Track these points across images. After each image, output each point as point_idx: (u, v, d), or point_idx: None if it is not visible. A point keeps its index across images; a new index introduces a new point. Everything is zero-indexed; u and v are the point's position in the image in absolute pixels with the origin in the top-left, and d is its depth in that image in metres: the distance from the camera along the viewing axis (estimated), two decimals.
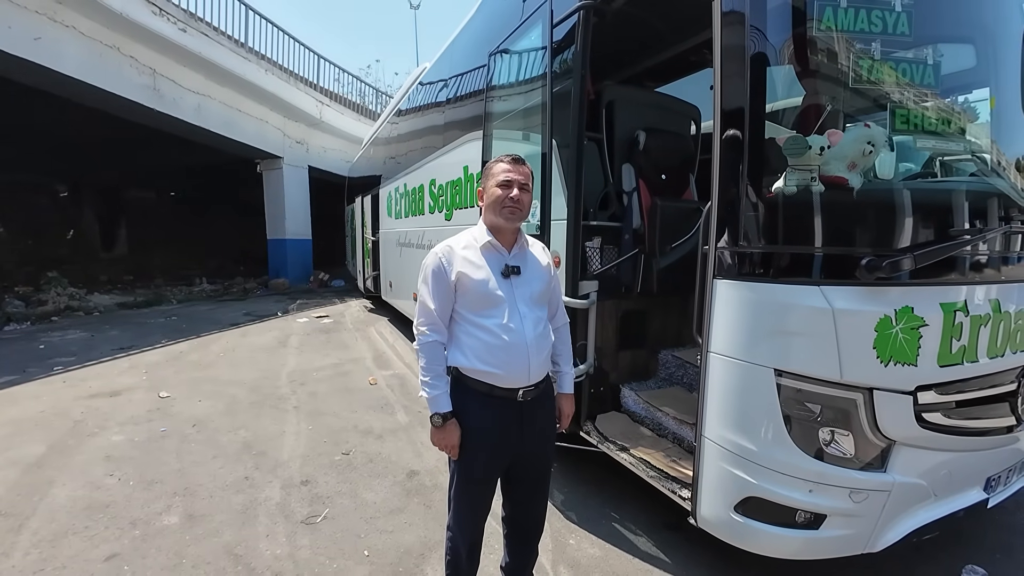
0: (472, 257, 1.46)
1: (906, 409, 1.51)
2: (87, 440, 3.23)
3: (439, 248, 1.49)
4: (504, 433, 1.47)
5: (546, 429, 1.59)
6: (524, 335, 1.43)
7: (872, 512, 1.55)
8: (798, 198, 1.48)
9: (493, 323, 1.42)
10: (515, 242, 1.51)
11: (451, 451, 1.48)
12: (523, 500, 1.61)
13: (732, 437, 1.61)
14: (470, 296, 1.44)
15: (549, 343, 1.53)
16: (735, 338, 1.58)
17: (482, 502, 1.56)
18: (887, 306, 1.45)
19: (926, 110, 1.53)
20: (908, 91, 1.51)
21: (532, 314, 1.47)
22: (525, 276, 1.49)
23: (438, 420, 1.44)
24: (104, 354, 5.50)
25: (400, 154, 6.62)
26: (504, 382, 1.44)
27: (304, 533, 2.24)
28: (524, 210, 1.47)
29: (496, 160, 1.52)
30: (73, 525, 2.28)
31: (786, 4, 1.53)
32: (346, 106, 14.28)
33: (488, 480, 1.55)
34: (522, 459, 1.54)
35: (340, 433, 3.36)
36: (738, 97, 1.55)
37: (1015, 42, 1.93)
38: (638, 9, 2.73)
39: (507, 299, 1.44)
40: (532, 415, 1.50)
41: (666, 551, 2.11)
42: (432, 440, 1.48)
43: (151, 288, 11.59)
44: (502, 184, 1.45)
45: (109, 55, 7.75)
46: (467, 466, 1.50)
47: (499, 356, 1.42)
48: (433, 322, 1.45)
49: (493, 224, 1.48)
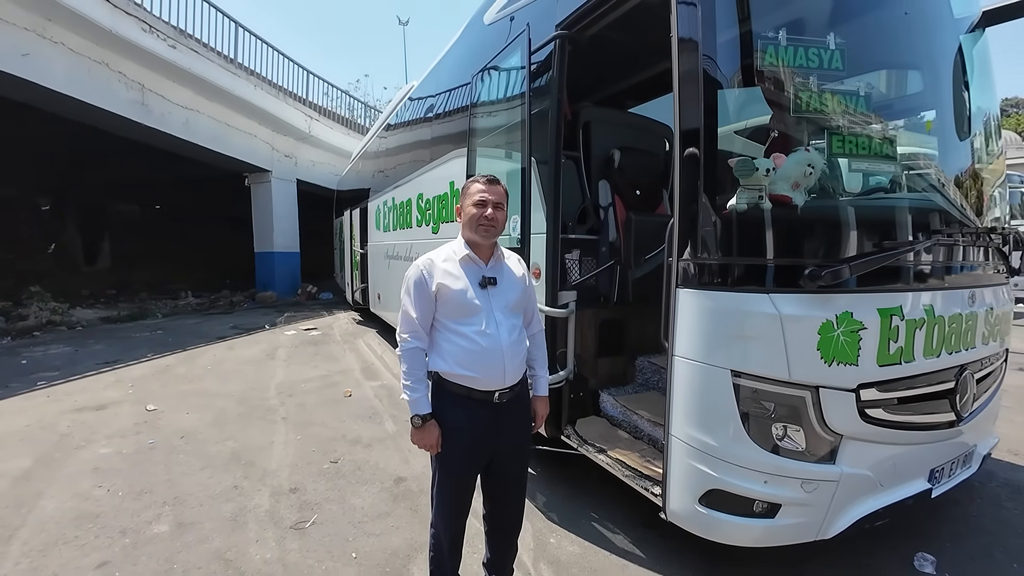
0: (451, 269, 1.57)
1: (850, 406, 1.66)
2: (74, 453, 3.25)
3: (420, 261, 1.60)
4: (481, 432, 1.58)
5: (522, 429, 1.69)
6: (500, 341, 1.54)
7: (823, 501, 1.69)
8: (749, 215, 1.64)
9: (471, 330, 1.53)
10: (492, 255, 1.62)
11: (431, 449, 1.58)
12: (501, 497, 1.71)
13: (696, 434, 1.74)
14: (450, 305, 1.55)
15: (523, 348, 1.64)
16: (696, 342, 1.72)
17: (462, 497, 1.65)
18: (829, 311, 1.60)
19: (860, 135, 1.71)
20: (843, 118, 1.69)
21: (507, 321, 1.58)
22: (501, 286, 1.60)
23: (418, 421, 1.54)
24: (89, 368, 5.47)
25: (388, 168, 6.75)
26: (481, 385, 1.55)
27: (293, 538, 2.30)
28: (498, 227, 1.60)
29: (472, 180, 1.64)
30: (63, 535, 2.31)
31: (734, 39, 1.71)
32: (335, 120, 14.43)
33: (467, 476, 1.64)
34: (500, 457, 1.64)
35: (328, 442, 3.42)
36: (693, 120, 1.71)
37: (947, 71, 2.15)
38: (614, 33, 2.92)
39: (484, 308, 1.55)
40: (508, 416, 1.61)
41: (642, 547, 2.22)
42: (412, 440, 1.58)
43: (135, 302, 11.46)
44: (477, 203, 1.57)
45: (98, 71, 7.81)
46: (447, 463, 1.60)
47: (477, 361, 1.52)
48: (415, 330, 1.56)
49: (470, 239, 1.60)
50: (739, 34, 1.70)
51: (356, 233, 8.82)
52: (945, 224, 1.94)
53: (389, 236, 6.39)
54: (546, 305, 2.58)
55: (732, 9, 1.72)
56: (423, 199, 4.83)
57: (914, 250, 1.74)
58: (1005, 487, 2.75)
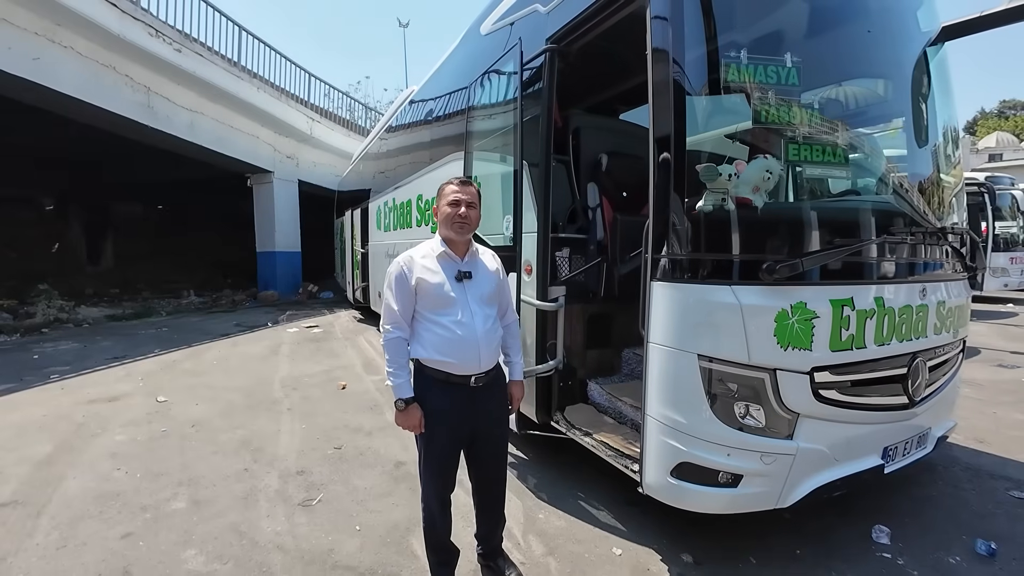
0: (430, 264, 1.71)
1: (804, 387, 1.85)
2: (92, 440, 3.43)
3: (401, 258, 1.74)
4: (459, 413, 1.73)
5: (498, 411, 1.86)
6: (475, 330, 1.69)
7: (781, 473, 1.87)
8: (713, 215, 1.83)
9: (448, 320, 1.68)
10: (467, 251, 1.77)
11: (414, 430, 1.74)
12: (483, 471, 1.88)
13: (668, 412, 1.93)
14: (428, 298, 1.69)
15: (497, 336, 1.80)
16: (667, 330, 1.91)
17: (446, 471, 1.80)
18: (784, 301, 1.79)
19: (814, 143, 1.90)
20: (799, 128, 1.88)
21: (482, 312, 1.73)
22: (476, 279, 1.75)
23: (401, 404, 1.70)
24: (99, 363, 5.66)
25: (389, 170, 6.94)
26: (458, 370, 1.70)
27: (301, 513, 2.49)
28: (472, 224, 1.74)
29: (447, 182, 1.77)
30: (88, 511, 2.50)
31: (701, 53, 1.89)
32: (336, 122, 14.63)
33: (448, 453, 1.79)
34: (478, 436, 1.80)
35: (332, 431, 3.61)
36: (665, 127, 1.90)
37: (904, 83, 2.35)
38: (602, 44, 3.10)
39: (459, 299, 1.70)
40: (484, 398, 1.77)
41: (623, 522, 2.41)
42: (396, 421, 1.75)
43: (139, 301, 11.65)
44: (451, 203, 1.71)
45: (105, 74, 8.00)
46: (430, 441, 1.77)
47: (453, 348, 1.68)
48: (396, 321, 1.71)
49: (446, 236, 1.74)
50: (706, 48, 1.89)
51: (357, 233, 9.01)
52: (895, 224, 2.13)
53: (390, 236, 6.57)
54: (537, 299, 2.77)
55: (700, 24, 1.90)
56: (423, 200, 5.02)
57: (861, 247, 1.92)
58: (966, 471, 2.94)
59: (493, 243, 3.18)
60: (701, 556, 2.13)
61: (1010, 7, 2.18)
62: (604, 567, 2.08)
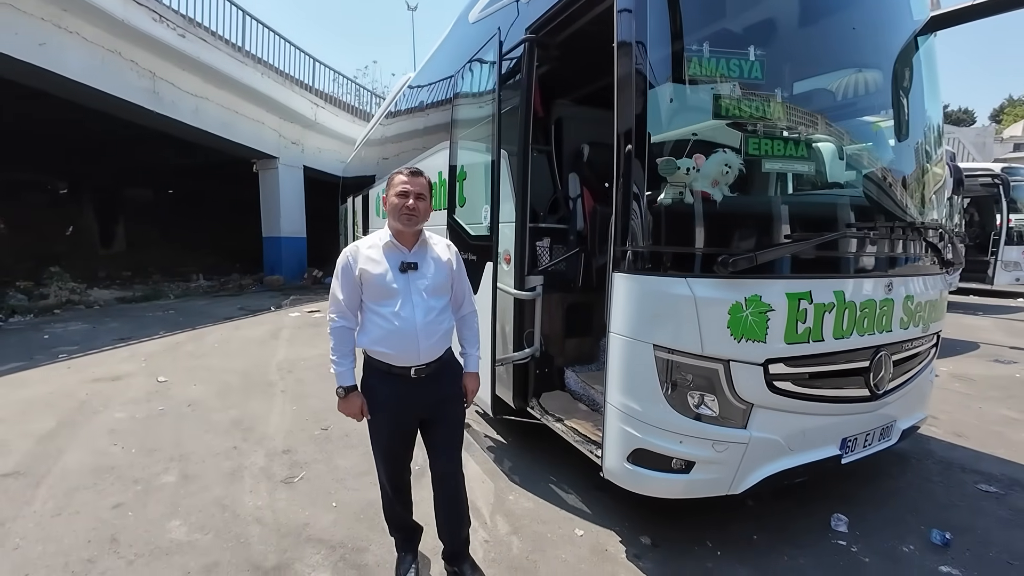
0: (374, 255, 1.71)
1: (758, 378, 1.89)
2: (93, 417, 3.60)
3: (348, 248, 1.75)
4: (401, 403, 1.75)
5: (446, 402, 1.82)
6: (414, 322, 1.68)
7: (733, 460, 1.92)
8: (672, 208, 1.85)
9: (387, 311, 1.68)
10: (416, 242, 1.75)
11: (355, 417, 1.76)
12: (436, 465, 1.87)
13: (625, 400, 1.99)
14: (371, 288, 1.70)
15: (441, 329, 1.75)
16: (626, 320, 1.95)
17: (395, 457, 1.83)
18: (739, 294, 1.82)
19: (775, 137, 1.91)
20: (760, 123, 1.89)
21: (424, 303, 1.71)
22: (422, 270, 1.73)
23: (341, 392, 1.72)
24: (105, 344, 5.86)
25: (388, 156, 6.98)
26: (398, 361, 1.71)
27: (283, 490, 2.61)
28: (420, 216, 1.71)
29: (396, 172, 1.76)
30: (83, 482, 2.64)
31: (665, 46, 1.90)
32: (340, 108, 14.63)
33: (392, 440, 1.80)
34: (424, 426, 1.83)
35: (321, 413, 3.72)
36: (628, 120, 1.92)
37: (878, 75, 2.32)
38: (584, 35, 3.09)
39: (401, 290, 1.69)
40: (427, 390, 1.75)
41: (589, 505, 2.49)
42: (338, 408, 1.76)
43: (149, 284, 11.94)
44: (399, 194, 1.69)
45: (111, 59, 8.10)
46: (375, 429, 1.81)
47: (391, 339, 1.68)
48: (341, 311, 1.73)
49: (394, 228, 1.72)
50: (671, 42, 1.90)
51: (359, 220, 9.09)
52: (857, 219, 2.14)
53: None
54: (514, 288, 2.83)
55: (665, 18, 1.90)
56: None
57: (818, 242, 1.94)
58: (939, 464, 2.96)
59: (475, 232, 3.23)
60: (659, 539, 2.20)
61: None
62: (564, 546, 2.16)
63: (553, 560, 2.07)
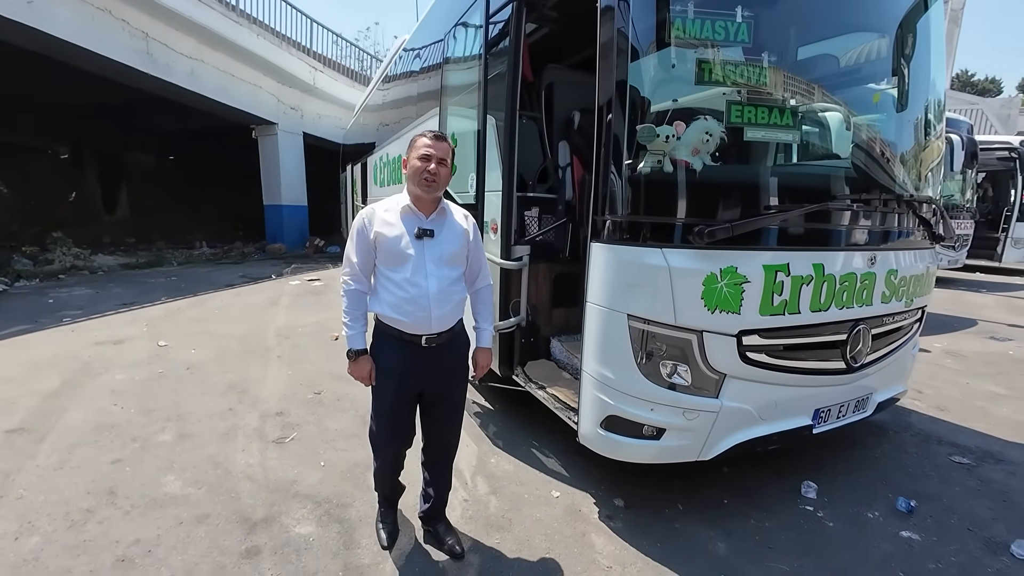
0: (390, 219, 1.68)
1: (731, 349, 1.91)
2: (95, 378, 3.71)
3: (364, 210, 1.73)
4: (410, 371, 1.73)
5: (451, 375, 1.81)
6: (427, 290, 1.65)
7: (703, 428, 1.97)
8: (650, 177, 1.83)
9: (400, 277, 1.66)
10: (434, 209, 1.71)
11: (363, 381, 1.76)
12: (433, 435, 1.89)
13: (599, 368, 2.02)
14: (384, 252, 1.68)
15: (455, 300, 1.73)
16: (601, 290, 1.97)
17: (395, 426, 1.81)
18: (714, 265, 1.82)
19: (757, 105, 1.85)
20: (743, 90, 1.83)
21: (439, 272, 1.68)
22: (439, 238, 1.69)
23: (352, 355, 1.73)
24: (108, 308, 5.97)
25: (385, 123, 6.85)
26: (409, 328, 1.69)
27: (274, 449, 2.71)
28: (440, 182, 1.67)
29: (420, 135, 1.70)
30: (85, 439, 2.76)
31: (648, 8, 1.83)
32: (340, 72, 14.27)
33: (397, 408, 1.78)
34: (431, 395, 1.80)
35: (315, 377, 3.82)
36: (608, 87, 1.87)
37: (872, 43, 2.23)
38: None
39: (416, 257, 1.66)
40: (437, 360, 1.74)
41: (568, 469, 2.57)
42: (348, 371, 1.77)
43: (152, 251, 12.03)
44: (422, 157, 1.64)
45: (101, 18, 7.88)
46: (379, 395, 1.80)
47: (403, 307, 1.66)
48: (355, 273, 1.72)
49: (413, 192, 1.69)
50: (655, 6, 1.82)
51: (358, 188, 9.02)
52: (841, 191, 2.10)
53: (385, 192, 6.59)
54: (501, 258, 2.83)
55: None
56: None
57: (796, 214, 1.91)
58: (916, 436, 3.01)
59: (461, 200, 3.21)
60: (632, 501, 2.28)
61: None
62: (540, 507, 2.25)
63: (528, 519, 2.16)
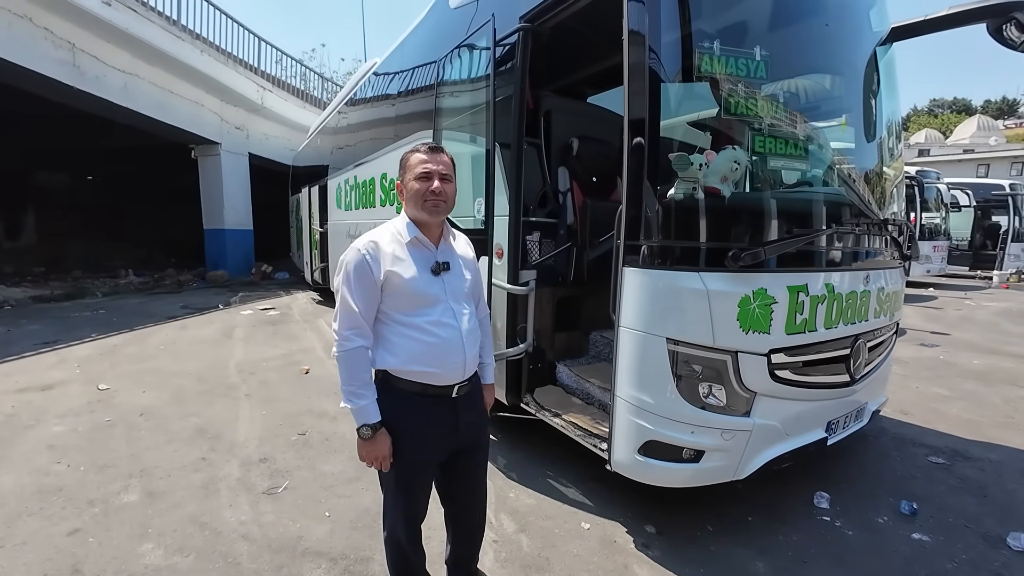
0: (400, 254, 1.38)
1: (762, 367, 1.97)
2: (24, 432, 3.17)
3: (361, 244, 1.37)
4: (440, 432, 1.45)
5: (478, 420, 1.58)
6: (459, 331, 1.41)
7: (738, 447, 2.00)
8: (684, 203, 1.88)
9: (426, 321, 1.38)
10: (441, 236, 1.46)
11: (383, 463, 1.40)
12: (466, 494, 1.60)
13: (636, 394, 2.01)
14: (402, 297, 1.37)
15: (479, 336, 1.52)
16: (638, 314, 1.97)
17: (418, 500, 1.51)
18: (747, 287, 1.88)
19: (779, 136, 1.98)
20: (766, 121, 1.96)
21: (463, 309, 1.45)
22: (454, 271, 1.45)
23: (367, 432, 1.36)
24: (25, 349, 5.19)
25: (350, 145, 6.64)
26: (440, 380, 1.41)
27: (267, 502, 2.42)
28: (448, 202, 1.41)
29: (412, 150, 1.43)
30: (26, 507, 2.32)
31: (676, 39, 1.91)
32: (290, 92, 13.77)
33: (422, 480, 1.50)
34: (459, 454, 1.52)
35: (295, 416, 3.50)
36: (640, 112, 1.92)
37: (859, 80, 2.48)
38: (576, 25, 3.05)
39: (440, 297, 1.41)
40: (465, 409, 1.49)
41: (590, 498, 2.51)
42: (360, 455, 1.40)
43: (68, 281, 10.71)
44: (421, 176, 1.37)
45: (20, 25, 7.12)
46: (403, 470, 1.44)
47: (435, 355, 1.38)
48: (358, 326, 1.36)
49: (417, 219, 1.41)
50: (683, 34, 1.91)
51: (315, 211, 8.61)
52: (846, 214, 2.28)
53: (351, 215, 6.34)
54: (508, 283, 2.78)
55: (677, 8, 1.91)
56: (387, 179, 4.85)
57: (818, 237, 2.05)
58: (893, 440, 3.25)
59: (463, 226, 3.14)
60: (663, 526, 2.25)
61: (954, 11, 2.32)
62: (574, 541, 2.17)
63: (565, 556, 2.07)
